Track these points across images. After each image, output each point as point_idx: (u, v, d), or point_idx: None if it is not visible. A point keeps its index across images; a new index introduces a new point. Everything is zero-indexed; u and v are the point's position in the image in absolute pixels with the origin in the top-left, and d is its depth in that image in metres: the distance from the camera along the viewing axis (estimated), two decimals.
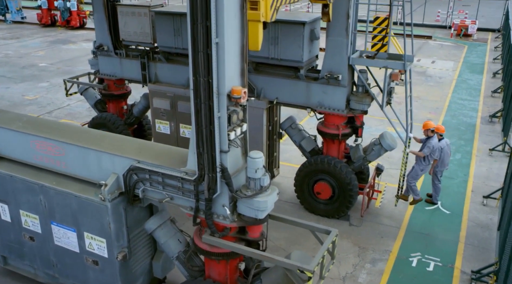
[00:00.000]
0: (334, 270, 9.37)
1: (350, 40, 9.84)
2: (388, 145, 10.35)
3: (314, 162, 10.74)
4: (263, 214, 6.22)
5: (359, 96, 10.22)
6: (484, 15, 36.61)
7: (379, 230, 10.68)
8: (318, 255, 6.16)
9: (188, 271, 7.27)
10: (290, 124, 11.27)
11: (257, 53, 10.63)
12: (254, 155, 6.12)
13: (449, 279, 9.17)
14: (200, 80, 5.79)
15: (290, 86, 10.75)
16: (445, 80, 21.89)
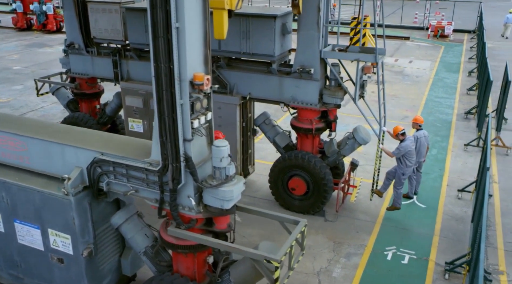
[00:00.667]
0: (309, 265, 9.26)
1: (321, 33, 9.78)
2: (362, 138, 10.29)
3: (288, 157, 10.63)
4: (229, 204, 6.08)
5: (331, 90, 10.16)
6: (461, 17, 37.02)
7: (354, 224, 10.61)
8: (286, 245, 6.03)
9: (156, 266, 7.09)
10: (264, 120, 11.16)
11: (229, 48, 10.55)
12: (219, 144, 5.99)
13: (423, 271, 9.12)
14: (161, 67, 5.65)
15: (262, 81, 10.65)
16: (422, 79, 22.03)
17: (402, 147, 10.30)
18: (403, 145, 10.34)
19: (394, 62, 25.01)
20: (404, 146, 10.29)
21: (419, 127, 11.33)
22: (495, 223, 10.71)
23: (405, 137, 10.41)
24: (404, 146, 10.29)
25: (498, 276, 9.02)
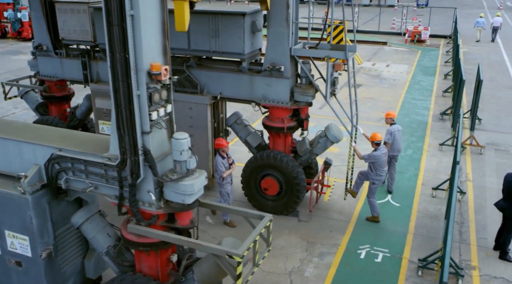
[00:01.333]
0: (281, 265, 9.08)
1: (291, 30, 9.69)
2: (334, 136, 10.19)
3: (260, 157, 10.48)
4: (191, 199, 5.89)
5: (302, 88, 10.06)
6: (437, 23, 37.54)
7: (328, 224, 10.47)
8: (249, 240, 5.85)
9: (118, 266, 6.84)
10: (235, 120, 11.00)
11: (198, 47, 10.41)
12: (179, 136, 5.81)
13: (397, 269, 9.00)
14: (117, 56, 5.47)
15: (233, 80, 10.52)
16: (398, 82, 22.14)
17: (373, 156, 10.11)
18: (374, 154, 10.13)
19: (371, 66, 25.12)
20: (375, 155, 10.09)
21: (393, 122, 11.45)
22: (469, 220, 10.67)
23: (379, 148, 10.16)
24: (375, 156, 10.09)
25: (470, 272, 8.94)
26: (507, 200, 9.18)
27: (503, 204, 9.26)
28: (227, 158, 10.03)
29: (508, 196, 9.11)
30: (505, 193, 9.21)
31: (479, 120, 16.52)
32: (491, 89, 20.94)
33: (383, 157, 10.14)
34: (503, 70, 24.44)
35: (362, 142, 12.55)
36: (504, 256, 9.29)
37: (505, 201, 9.23)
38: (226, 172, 9.86)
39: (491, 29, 32.26)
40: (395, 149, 11.22)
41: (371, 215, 10.57)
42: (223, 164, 9.87)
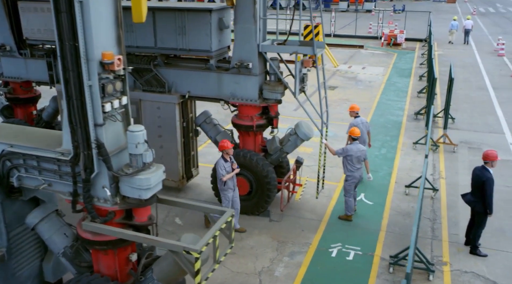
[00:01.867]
0: (250, 265, 8.86)
1: (258, 26, 9.55)
2: (304, 133, 10.05)
3: None
4: (147, 194, 5.65)
5: (271, 85, 9.91)
6: (413, 28, 37.91)
7: (300, 223, 10.30)
8: (207, 236, 5.63)
9: (76, 268, 6.56)
10: (205, 119, 10.79)
11: (165, 45, 10.21)
12: (134, 128, 5.58)
13: (368, 266, 8.86)
14: (66, 45, 5.24)
15: (201, 79, 10.33)
16: (374, 84, 22.19)
17: (346, 149, 10.05)
18: (348, 147, 10.10)
19: (347, 68, 25.18)
20: (348, 149, 10.04)
21: (357, 115, 11.81)
22: (441, 217, 10.60)
23: (353, 143, 10.13)
24: (349, 149, 10.04)
25: (442, 267, 8.84)
26: (474, 194, 9.13)
27: (470, 198, 9.22)
28: (231, 162, 9.50)
29: (476, 189, 9.07)
30: (473, 186, 9.17)
31: (453, 120, 16.59)
32: (465, 90, 21.11)
33: (356, 152, 10.04)
34: (476, 71, 24.70)
35: (338, 141, 12.45)
36: (474, 251, 9.23)
37: (473, 195, 9.18)
38: (226, 176, 9.31)
39: (463, 32, 32.84)
40: (360, 140, 11.02)
41: (344, 213, 10.44)
42: (224, 167, 9.31)
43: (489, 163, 9.06)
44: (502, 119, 17.08)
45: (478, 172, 9.12)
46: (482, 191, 8.94)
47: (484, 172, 9.01)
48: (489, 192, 8.86)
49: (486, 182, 8.88)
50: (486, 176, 8.93)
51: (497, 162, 9.04)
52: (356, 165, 10.12)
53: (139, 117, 10.94)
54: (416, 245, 8.70)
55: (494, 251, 9.34)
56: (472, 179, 9.25)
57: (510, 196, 11.49)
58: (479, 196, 9.03)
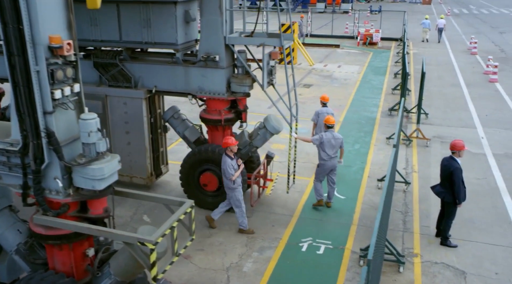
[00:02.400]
0: (218, 261, 8.66)
1: (224, 18, 9.38)
2: (273, 127, 9.89)
3: (198, 152, 10.07)
4: (101, 184, 5.43)
5: (239, 78, 9.74)
6: (389, 28, 38.19)
7: (270, 219, 10.13)
8: (164, 226, 5.42)
9: (30, 265, 6.29)
10: (172, 114, 10.56)
11: (130, 38, 9.97)
12: (86, 116, 5.37)
13: (339, 260, 8.73)
14: (10, 28, 4.99)
15: (168, 73, 10.10)
16: (349, 81, 22.20)
17: (321, 136, 10.08)
18: (323, 134, 10.13)
19: (323, 67, 25.17)
20: (323, 136, 10.07)
21: (324, 105, 12.43)
22: (413, 209, 10.55)
23: (328, 130, 10.20)
24: (323, 136, 10.07)
25: (413, 259, 8.76)
26: (443, 184, 9.09)
27: (439, 189, 9.17)
28: (236, 159, 9.27)
29: (445, 180, 9.02)
30: (442, 177, 9.12)
31: (426, 115, 16.65)
32: (439, 87, 21.25)
33: (331, 141, 10.11)
34: (450, 69, 24.92)
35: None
36: (444, 242, 9.17)
37: (442, 186, 9.14)
38: (235, 174, 9.10)
39: (437, 31, 33.33)
40: (322, 129, 11.23)
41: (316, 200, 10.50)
42: (232, 166, 9.05)
43: (456, 152, 9.02)
44: (474, 115, 17.19)
45: (446, 162, 9.08)
46: (450, 181, 8.90)
47: (451, 162, 8.97)
48: (457, 182, 8.82)
49: (454, 172, 8.84)
50: (454, 166, 8.89)
51: (470, 156, 9.03)
52: (327, 152, 10.14)
53: (106, 114, 10.66)
54: (386, 236, 8.63)
55: (464, 242, 9.30)
56: (441, 169, 9.21)
57: (480, 188, 11.50)
58: (448, 186, 8.99)
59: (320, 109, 12.27)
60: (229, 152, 9.13)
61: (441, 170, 9.16)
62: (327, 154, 10.10)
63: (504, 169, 12.60)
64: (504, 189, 11.48)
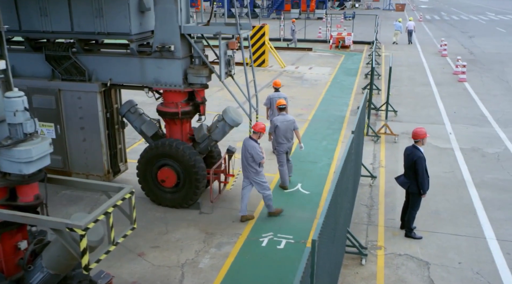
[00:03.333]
0: (173, 258, 8.25)
1: (179, 6, 9.05)
2: (231, 119, 9.57)
3: (155, 146, 9.67)
4: (29, 168, 5.01)
5: (196, 69, 9.41)
6: (362, 32, 38.42)
7: (231, 215, 9.76)
8: (97, 211, 5.02)
9: None
10: (129, 108, 10.14)
11: (82, 29, 9.57)
12: (11, 94, 4.96)
13: (299, 254, 8.40)
14: None
15: (123, 65, 9.73)
16: (320, 82, 22.05)
17: (272, 120, 10.91)
18: (274, 118, 10.88)
19: (294, 69, 25.03)
20: (274, 120, 10.76)
21: (276, 90, 12.80)
22: (378, 202, 10.32)
23: (281, 113, 10.78)
24: (274, 120, 10.77)
25: (376, 251, 8.49)
26: (407, 174, 8.88)
27: (404, 179, 8.97)
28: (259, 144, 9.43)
29: (408, 170, 8.82)
30: (405, 167, 8.92)
31: (395, 112, 16.57)
32: (409, 86, 21.26)
33: (284, 123, 10.55)
34: (420, 70, 25.03)
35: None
36: (409, 234, 8.94)
37: (406, 176, 8.93)
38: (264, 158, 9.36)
39: (407, 33, 34.00)
40: (275, 112, 11.80)
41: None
42: (260, 150, 9.22)
43: (419, 141, 8.84)
44: (443, 112, 17.16)
45: (409, 151, 8.89)
46: (414, 170, 8.69)
47: (415, 151, 8.77)
48: (421, 171, 8.62)
49: (418, 161, 8.64)
50: (417, 155, 8.70)
51: (438, 150, 8.89)
52: (283, 137, 10.62)
53: (59, 109, 10.22)
54: (348, 228, 8.36)
55: (429, 233, 9.09)
56: (404, 159, 9.01)
57: (447, 181, 11.35)
58: (412, 176, 8.78)
59: (272, 94, 12.59)
60: (255, 136, 9.26)
61: (405, 160, 8.97)
62: (283, 137, 10.59)
63: (470, 162, 12.49)
64: (470, 181, 11.34)
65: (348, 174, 7.57)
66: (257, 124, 9.31)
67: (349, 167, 7.45)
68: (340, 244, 7.95)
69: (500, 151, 13.34)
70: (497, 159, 12.79)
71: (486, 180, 11.43)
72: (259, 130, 9.23)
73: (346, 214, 8.00)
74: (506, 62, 27.09)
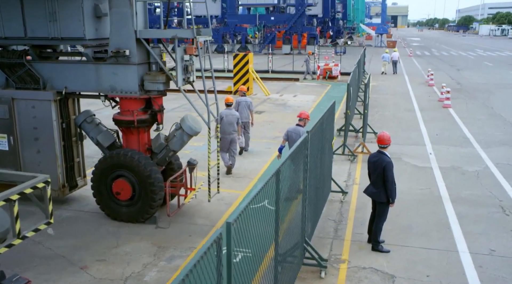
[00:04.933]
0: (118, 271, 7.62)
1: (134, 10, 8.76)
2: (189, 127, 9.13)
3: (109, 156, 9.18)
4: None
5: (152, 75, 9.04)
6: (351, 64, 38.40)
7: (189, 229, 9.17)
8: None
9: None
10: (85, 118, 9.71)
11: (35, 34, 9.25)
12: None
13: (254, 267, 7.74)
14: None
15: (79, 72, 9.37)
16: (303, 108, 21.70)
17: (221, 114, 11.94)
18: (221, 112, 12.05)
19: (278, 97, 24.80)
20: (220, 113, 11.71)
21: (243, 95, 14.45)
22: (348, 218, 9.75)
23: (227, 108, 12.51)
24: (222, 113, 12.06)
25: (339, 265, 7.87)
26: (375, 183, 8.37)
27: (372, 189, 8.45)
28: None
29: (376, 178, 8.31)
30: (373, 176, 8.42)
31: (375, 134, 16.13)
32: (393, 112, 20.96)
33: (229, 116, 12.17)
34: (406, 98, 24.82)
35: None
36: (376, 247, 8.34)
37: (374, 186, 8.42)
38: None
39: (391, 63, 34.72)
40: (242, 116, 13.53)
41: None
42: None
43: (386, 146, 8.38)
44: (425, 134, 16.76)
45: (375, 158, 8.41)
46: (383, 177, 8.18)
47: (382, 157, 8.30)
48: (391, 177, 8.15)
49: (387, 167, 8.17)
50: (385, 160, 8.23)
51: (416, 169, 8.52)
52: (229, 129, 12.16)
53: (13, 119, 9.77)
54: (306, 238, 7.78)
55: (398, 247, 8.49)
56: (370, 167, 8.53)
57: (422, 197, 10.81)
58: (380, 184, 8.27)
59: (239, 98, 14.13)
60: (301, 123, 10.41)
61: (371, 168, 8.48)
62: (225, 130, 12.05)
63: (448, 179, 11.98)
64: (446, 197, 10.80)
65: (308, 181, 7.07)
66: (302, 112, 10.52)
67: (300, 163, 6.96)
68: (297, 253, 7.39)
69: (480, 169, 12.85)
70: (477, 176, 12.28)
71: (464, 196, 10.90)
72: (305, 117, 10.38)
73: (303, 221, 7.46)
74: (492, 91, 26.95)
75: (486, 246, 8.54)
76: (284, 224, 6.91)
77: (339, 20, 79.02)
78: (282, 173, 5.92)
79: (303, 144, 7.12)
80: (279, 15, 57.33)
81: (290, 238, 7.18)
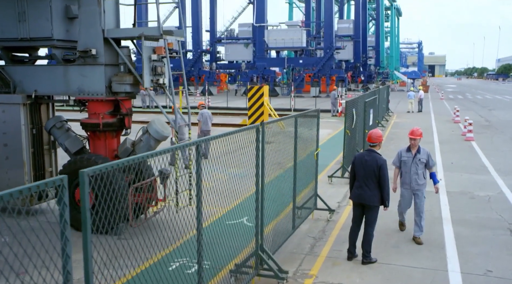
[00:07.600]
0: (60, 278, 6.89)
1: (103, 8, 8.49)
2: (156, 131, 8.57)
3: (73, 161, 8.69)
4: None
5: (119, 76, 8.64)
6: None
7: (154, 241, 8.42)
8: None
9: None
10: (55, 123, 9.33)
11: (4, 35, 9.08)
12: None
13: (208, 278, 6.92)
14: None
15: (48, 74, 9.11)
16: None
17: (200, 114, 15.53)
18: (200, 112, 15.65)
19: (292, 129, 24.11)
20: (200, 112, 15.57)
21: (204, 108, 16.36)
22: (330, 235, 8.81)
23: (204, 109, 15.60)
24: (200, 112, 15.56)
25: (304, 280, 6.91)
26: (366, 185, 7.44)
27: (362, 192, 7.51)
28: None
29: (369, 179, 7.37)
30: (361, 177, 7.47)
31: None
32: None
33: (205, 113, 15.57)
34: (428, 132, 23.70)
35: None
36: (368, 258, 7.46)
37: (364, 187, 7.49)
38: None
39: (418, 102, 34.30)
40: (206, 125, 15.62)
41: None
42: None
43: (375, 145, 7.55)
44: (439, 163, 15.64)
45: (368, 157, 7.51)
46: (376, 178, 7.34)
47: (376, 156, 7.50)
48: (387, 178, 7.38)
49: (383, 166, 7.42)
50: (381, 159, 7.45)
51: None
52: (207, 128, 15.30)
53: None
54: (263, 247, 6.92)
55: (379, 264, 7.47)
56: (359, 168, 7.54)
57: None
58: (374, 186, 7.37)
59: (202, 111, 15.87)
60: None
61: (361, 169, 7.51)
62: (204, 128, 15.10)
63: (454, 202, 10.89)
64: (448, 219, 9.73)
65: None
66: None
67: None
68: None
69: (493, 194, 11.66)
70: (488, 201, 11.11)
71: (468, 218, 9.78)
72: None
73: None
74: None
75: (482, 266, 7.41)
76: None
77: (371, 66, 78.60)
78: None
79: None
80: (307, 58, 57.57)
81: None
